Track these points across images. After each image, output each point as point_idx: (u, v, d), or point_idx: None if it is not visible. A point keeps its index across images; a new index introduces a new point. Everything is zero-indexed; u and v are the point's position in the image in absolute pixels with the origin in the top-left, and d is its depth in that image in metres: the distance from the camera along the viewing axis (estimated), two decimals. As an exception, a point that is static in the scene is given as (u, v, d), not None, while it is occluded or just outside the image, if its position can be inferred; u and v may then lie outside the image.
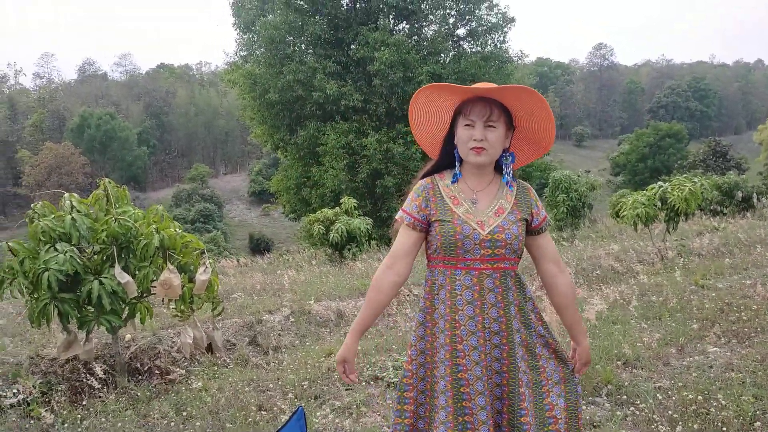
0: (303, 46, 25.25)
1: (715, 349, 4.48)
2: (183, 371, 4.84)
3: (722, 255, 8.56)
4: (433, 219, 1.98)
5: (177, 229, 4.69)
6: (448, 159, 2.06)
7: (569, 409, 2.05)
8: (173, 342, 5.78)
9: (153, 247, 4.33)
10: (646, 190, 9.50)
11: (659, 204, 8.75)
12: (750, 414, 3.11)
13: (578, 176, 17.25)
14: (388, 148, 22.01)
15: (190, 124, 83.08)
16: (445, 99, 2.04)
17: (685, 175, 10.95)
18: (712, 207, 16.88)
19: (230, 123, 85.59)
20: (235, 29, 25.50)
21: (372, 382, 4.46)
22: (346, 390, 4.30)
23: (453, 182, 2.03)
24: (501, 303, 1.97)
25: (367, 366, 4.76)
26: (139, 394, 4.24)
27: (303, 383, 4.37)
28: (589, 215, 18.70)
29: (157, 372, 5.20)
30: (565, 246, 11.18)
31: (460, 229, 1.94)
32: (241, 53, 25.67)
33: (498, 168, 2.08)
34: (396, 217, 2.07)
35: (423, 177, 2.11)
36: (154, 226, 4.45)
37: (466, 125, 1.96)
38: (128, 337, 5.44)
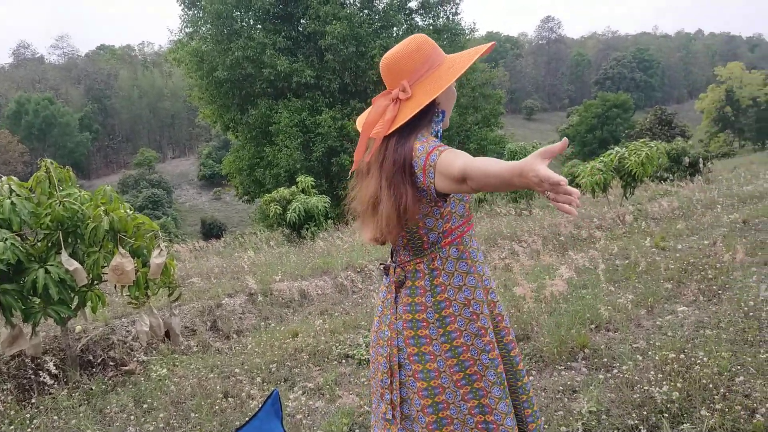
0: (251, 21, 24.47)
1: (683, 308, 4.50)
2: (140, 361, 4.57)
3: (678, 218, 8.72)
4: None
5: (128, 211, 4.38)
6: (424, 121, 1.76)
7: None
8: (127, 331, 5.48)
9: (102, 230, 4.03)
10: (603, 156, 9.58)
11: (619, 170, 8.82)
12: (728, 369, 3.09)
13: (533, 147, 17.39)
14: (343, 125, 21.68)
15: (134, 108, 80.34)
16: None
17: (638, 142, 11.09)
18: (658, 173, 17.30)
19: (176, 105, 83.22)
20: (180, 5, 24.47)
21: (343, 361, 4.30)
22: (317, 370, 4.13)
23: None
24: None
25: (336, 344, 4.60)
26: (93, 387, 3.96)
27: (270, 366, 4.17)
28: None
29: (111, 364, 4.91)
30: (525, 216, 11.23)
31: None
32: (186, 30, 24.68)
33: None
34: (444, 149, 1.59)
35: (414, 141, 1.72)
36: (102, 208, 4.13)
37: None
38: (78, 328, 5.11)
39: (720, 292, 4.65)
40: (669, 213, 9.06)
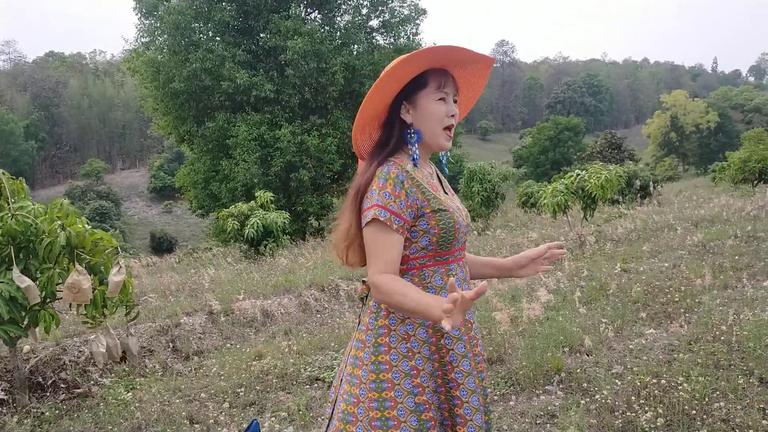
0: (210, 33, 24.07)
1: (651, 330, 4.54)
2: (98, 384, 4.31)
3: (636, 240, 8.91)
4: (426, 210, 1.60)
5: (86, 225, 4.14)
6: (396, 142, 1.69)
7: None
8: (80, 351, 5.18)
9: (59, 246, 3.79)
10: (564, 178, 9.73)
11: (580, 192, 8.97)
12: (705, 394, 3.10)
13: (491, 167, 17.59)
14: (303, 141, 21.47)
15: (84, 117, 77.97)
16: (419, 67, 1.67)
17: (595, 164, 11.34)
18: (610, 196, 17.82)
19: (128, 115, 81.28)
20: (136, 13, 23.90)
21: (312, 384, 4.15)
22: (286, 393, 3.97)
23: (415, 167, 1.69)
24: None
25: (305, 366, 4.45)
26: (46, 412, 3.69)
27: (238, 390, 3.99)
28: (501, 205, 19.18)
29: (63, 386, 4.61)
30: (488, 235, 11.29)
31: (456, 218, 1.64)
32: (143, 39, 24.07)
33: None
34: (374, 216, 1.55)
35: (379, 164, 1.66)
36: (59, 222, 3.89)
37: (439, 99, 1.65)
38: (26, 348, 4.79)
39: (687, 314, 4.72)
40: (627, 235, 9.26)
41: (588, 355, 4.11)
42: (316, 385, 4.12)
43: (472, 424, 1.62)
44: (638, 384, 3.29)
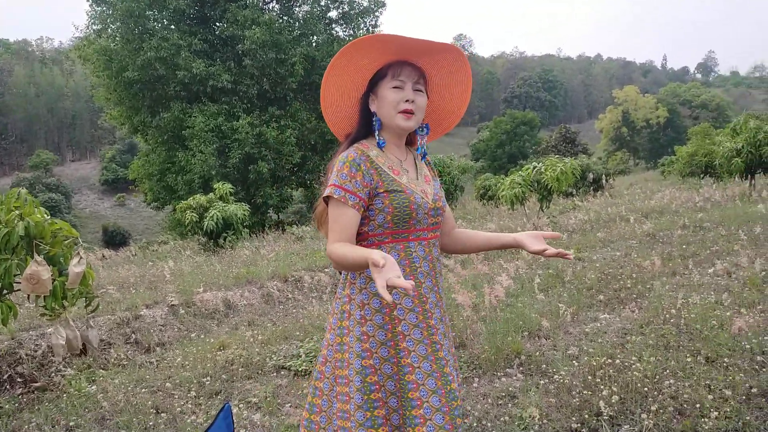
0: (165, 22, 23.53)
1: (605, 315, 4.74)
2: (55, 375, 4.23)
3: (590, 230, 9.21)
4: (381, 190, 1.75)
5: (45, 216, 4.05)
6: (365, 129, 1.88)
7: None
8: (36, 345, 5.06)
9: (17, 236, 3.70)
10: (521, 170, 9.96)
11: (536, 184, 9.20)
12: (656, 373, 3.28)
13: (451, 160, 17.84)
14: (261, 132, 21.27)
15: (31, 106, 75.09)
16: (372, 58, 1.82)
17: (550, 157, 11.63)
18: (565, 188, 18.30)
19: (77, 105, 78.73)
20: (87, 0, 23.16)
21: (278, 372, 4.18)
22: (252, 382, 3.99)
23: (381, 150, 1.85)
24: (440, 272, 1.90)
25: (270, 356, 4.47)
26: (5, 405, 3.62)
27: (203, 379, 3.99)
28: (460, 198, 19.45)
29: (19, 380, 4.51)
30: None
31: (413, 198, 1.77)
32: (94, 27, 23.34)
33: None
34: (329, 194, 1.72)
35: (342, 150, 1.86)
36: (17, 212, 3.80)
37: (394, 87, 1.79)
38: (-20, 342, 4.67)
39: (638, 300, 4.94)
40: (581, 226, 9.55)
41: (546, 339, 4.27)
42: (282, 373, 4.15)
43: (425, 389, 1.72)
44: (594, 365, 3.45)
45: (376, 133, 1.84)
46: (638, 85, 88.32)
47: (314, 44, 23.87)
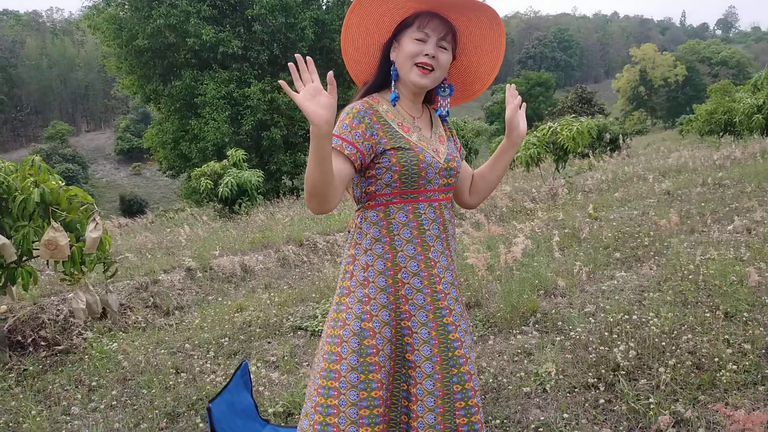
0: (173, -12, 23.26)
1: (622, 273, 4.70)
2: (84, 338, 4.32)
3: (606, 190, 9.10)
4: (387, 147, 1.66)
5: (59, 182, 4.08)
6: (382, 79, 1.79)
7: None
8: (58, 310, 5.16)
9: (33, 202, 3.73)
10: (536, 131, 9.82)
11: (551, 145, 9.07)
12: (673, 328, 3.26)
13: (465, 122, 17.65)
14: (273, 98, 21.14)
15: (44, 78, 75.26)
16: (402, 2, 1.71)
17: (566, 118, 11.44)
18: (580, 149, 18.08)
19: (90, 75, 78.74)
20: (94, -32, 22.94)
21: (297, 332, 4.23)
22: (270, 342, 4.04)
23: (393, 106, 1.76)
24: (452, 235, 1.83)
25: (287, 317, 4.51)
26: (29, 368, 3.70)
27: (221, 340, 4.04)
28: (475, 161, 19.30)
29: (43, 344, 4.61)
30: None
31: (422, 157, 1.69)
32: (103, -5, 23.19)
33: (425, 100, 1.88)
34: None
35: (352, 101, 1.77)
36: (32, 179, 3.82)
37: (417, 39, 1.69)
38: (3, 308, 4.76)
39: (656, 257, 4.89)
40: (598, 186, 9.44)
41: (562, 297, 4.25)
42: (299, 333, 4.20)
43: (419, 354, 1.69)
44: (611, 321, 3.43)
45: (393, 84, 1.75)
46: (656, 43, 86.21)
47: (324, 7, 23.49)
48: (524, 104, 1.90)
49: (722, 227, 5.69)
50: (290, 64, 1.44)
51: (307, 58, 1.44)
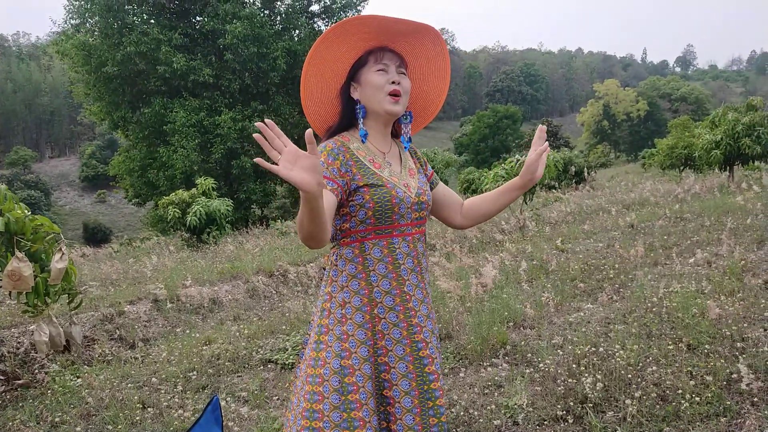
0: (145, 16, 23.24)
1: (589, 305, 4.79)
2: (38, 372, 4.19)
3: (572, 222, 9.29)
4: (361, 184, 1.69)
5: (25, 211, 4.01)
6: (347, 122, 1.83)
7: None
8: (18, 342, 5.01)
9: (-3, 231, 3.65)
10: (504, 163, 10.00)
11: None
12: (639, 360, 3.33)
13: (434, 154, 17.87)
14: (244, 127, 21.12)
15: (8, 103, 73.83)
16: (351, 44, 1.78)
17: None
18: (546, 182, 18.45)
19: (56, 101, 77.56)
20: (65, -7, 22.78)
21: (264, 366, 4.18)
22: (239, 376, 3.99)
23: (363, 143, 1.80)
24: (425, 268, 1.86)
25: (256, 350, 4.46)
26: (-13, 404, 3.58)
27: (189, 374, 3.97)
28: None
29: (2, 378, 4.46)
30: (432, 220, 11.46)
31: (395, 193, 1.72)
32: (72, 21, 22.97)
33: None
34: None
35: (323, 141, 1.82)
36: (-4, 207, 3.75)
37: (378, 70, 1.76)
38: (-40, 341, 4.60)
39: (621, 289, 5.00)
40: (564, 218, 9.64)
41: (531, 329, 4.31)
42: (269, 366, 4.15)
43: (397, 389, 1.71)
44: (578, 353, 3.49)
45: (360, 122, 1.78)
46: (619, 79, 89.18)
47: (296, 38, 23.74)
48: (548, 149, 1.90)
49: (684, 260, 5.85)
50: (256, 136, 1.34)
51: (267, 121, 1.33)
